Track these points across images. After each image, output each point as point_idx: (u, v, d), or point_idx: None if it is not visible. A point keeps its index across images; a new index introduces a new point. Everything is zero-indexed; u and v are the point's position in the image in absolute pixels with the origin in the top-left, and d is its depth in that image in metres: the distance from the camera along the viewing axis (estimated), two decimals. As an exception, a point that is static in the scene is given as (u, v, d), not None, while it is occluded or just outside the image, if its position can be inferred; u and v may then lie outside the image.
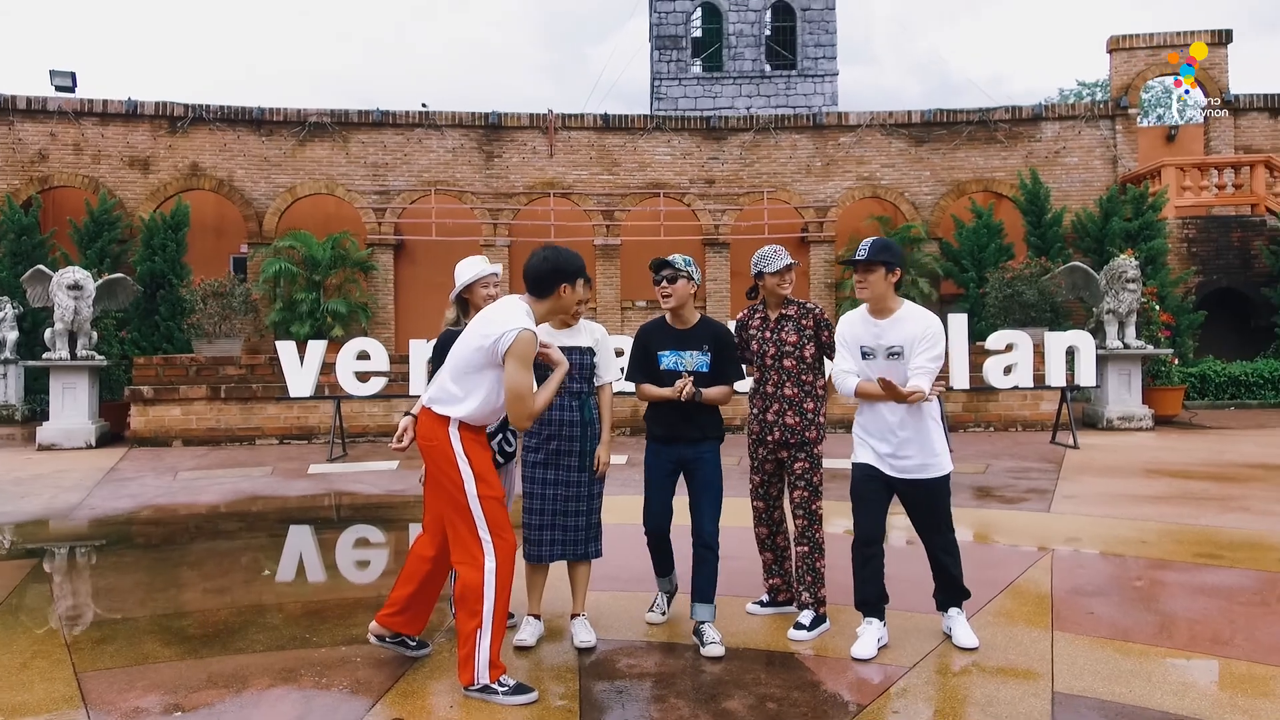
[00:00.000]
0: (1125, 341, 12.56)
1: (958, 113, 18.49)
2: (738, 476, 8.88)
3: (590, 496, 4.17)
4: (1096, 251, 15.87)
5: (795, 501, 4.32)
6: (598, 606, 4.50)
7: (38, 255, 15.10)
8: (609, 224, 18.15)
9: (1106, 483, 8.33)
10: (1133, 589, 5.03)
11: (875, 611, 4.05)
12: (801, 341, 4.35)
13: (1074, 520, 6.77)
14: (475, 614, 3.54)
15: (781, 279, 4.37)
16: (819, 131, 18.52)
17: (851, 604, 4.51)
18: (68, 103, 16.95)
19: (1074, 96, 38.27)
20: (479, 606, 3.54)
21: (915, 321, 4.01)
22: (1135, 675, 3.70)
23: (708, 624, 4.07)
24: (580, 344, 4.19)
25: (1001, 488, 8.08)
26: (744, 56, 28.98)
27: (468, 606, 3.55)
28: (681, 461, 4.25)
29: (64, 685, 3.70)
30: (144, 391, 11.79)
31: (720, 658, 3.91)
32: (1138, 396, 12.59)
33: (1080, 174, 18.25)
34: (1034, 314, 13.80)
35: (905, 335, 3.97)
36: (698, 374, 4.24)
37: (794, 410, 4.32)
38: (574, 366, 4.12)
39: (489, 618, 3.54)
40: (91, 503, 7.90)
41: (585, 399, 4.17)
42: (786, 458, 4.35)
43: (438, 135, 18.02)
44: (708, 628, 4.05)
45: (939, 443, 4.04)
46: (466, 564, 3.59)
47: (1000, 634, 4.20)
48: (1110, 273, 12.66)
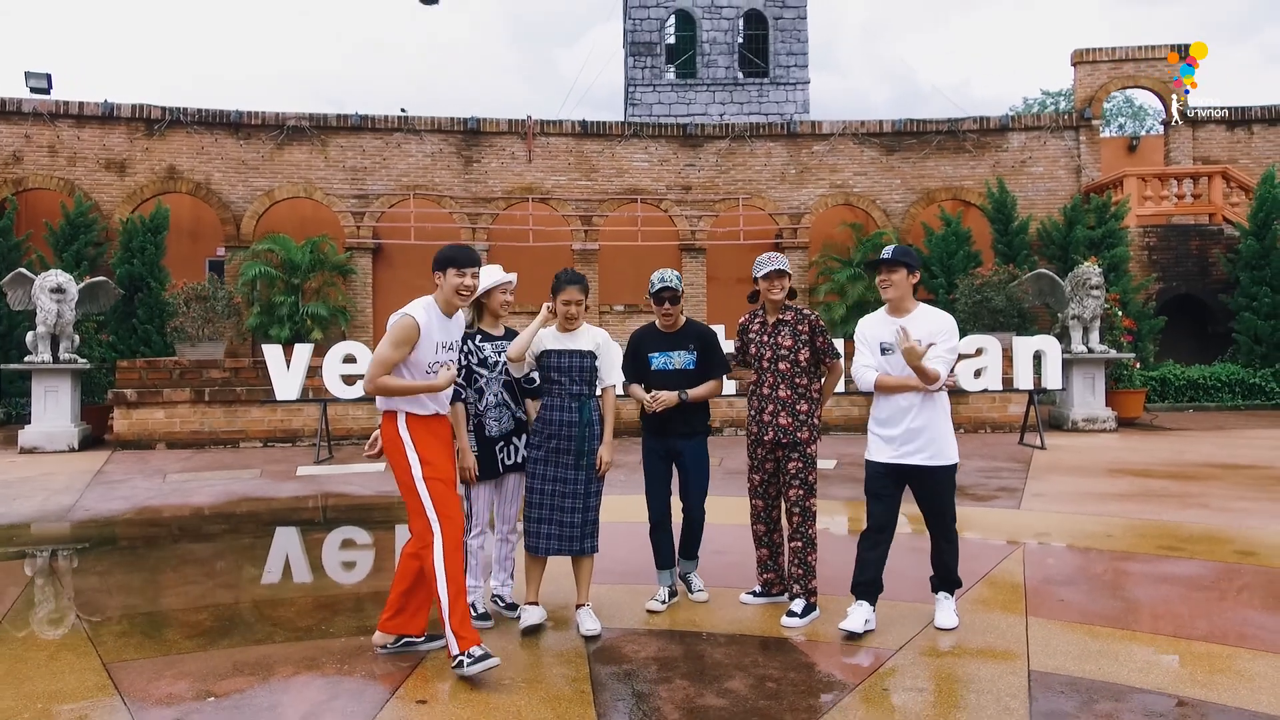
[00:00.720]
0: (1090, 346, 13.00)
1: (928, 123, 18.95)
2: (721, 477, 9.19)
3: (587, 494, 4.38)
4: (1061, 259, 16.36)
5: (791, 500, 4.57)
6: (600, 598, 4.73)
7: (13, 258, 15.01)
8: (587, 229, 18.38)
9: (1073, 481, 8.70)
10: (1099, 578, 5.35)
11: (868, 595, 4.33)
12: (796, 346, 4.60)
13: (1043, 516, 7.11)
14: (435, 594, 3.82)
15: (770, 284, 4.64)
16: (793, 140, 18.90)
17: (839, 594, 4.80)
18: (43, 104, 16.85)
19: (1038, 105, 39.11)
20: (435, 586, 3.81)
21: (932, 318, 4.36)
22: (1104, 655, 4.00)
23: (694, 574, 4.88)
24: (580, 347, 4.41)
25: (974, 486, 8.42)
26: (717, 64, 29.35)
27: (430, 589, 3.85)
28: (673, 452, 4.75)
29: (95, 675, 3.85)
30: (127, 394, 11.82)
31: (705, 602, 4.70)
32: (1101, 399, 13.04)
33: (1045, 183, 18.79)
34: (1002, 319, 14.23)
35: (924, 330, 4.26)
36: (686, 371, 4.71)
37: (787, 411, 4.57)
38: (573, 369, 4.35)
39: (444, 594, 3.77)
40: (85, 504, 7.99)
41: (585, 401, 4.39)
42: (781, 457, 4.61)
43: (416, 140, 18.15)
44: (694, 577, 4.88)
45: (948, 434, 4.35)
46: (425, 548, 3.87)
47: (979, 619, 4.49)
48: (1075, 279, 13.10)
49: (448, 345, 4.04)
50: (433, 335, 3.94)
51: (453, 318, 4.08)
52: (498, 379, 4.49)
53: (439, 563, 3.80)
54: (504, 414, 4.49)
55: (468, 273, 4.00)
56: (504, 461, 4.50)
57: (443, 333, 4.01)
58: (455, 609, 3.78)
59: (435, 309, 3.99)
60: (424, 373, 3.95)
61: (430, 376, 3.94)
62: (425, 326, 3.90)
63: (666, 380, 4.70)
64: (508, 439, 4.50)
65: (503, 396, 4.49)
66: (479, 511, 4.51)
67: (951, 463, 4.36)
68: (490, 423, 4.47)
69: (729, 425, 12.88)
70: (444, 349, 4.02)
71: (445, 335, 4.03)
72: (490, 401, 4.48)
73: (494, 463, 4.47)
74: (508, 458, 4.51)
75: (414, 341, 3.88)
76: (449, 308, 4.05)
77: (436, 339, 3.96)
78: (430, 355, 3.95)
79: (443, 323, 4.02)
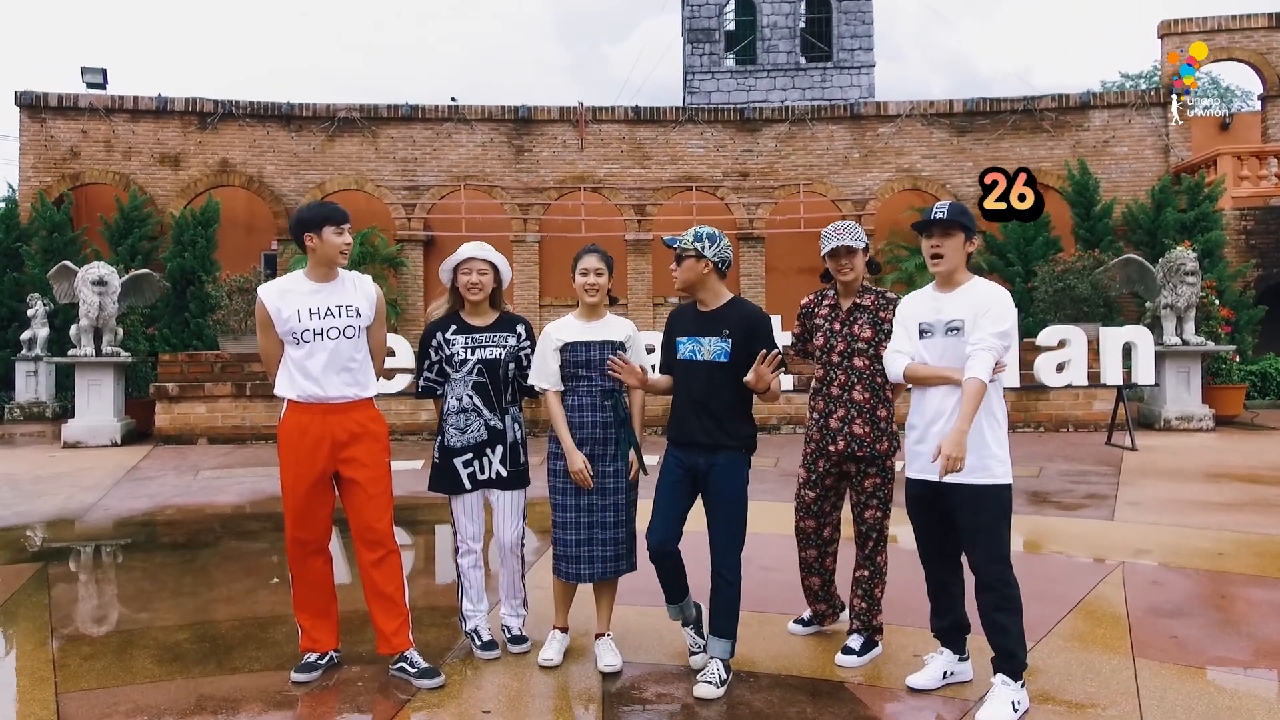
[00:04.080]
0: (1184, 337, 11.92)
1: (1001, 101, 17.85)
2: (775, 479, 8.50)
3: (628, 504, 3.79)
4: (1148, 244, 15.20)
5: (868, 522, 3.83)
6: (624, 624, 4.12)
7: (69, 252, 15.03)
8: (640, 219, 17.77)
9: (1171, 488, 7.79)
10: (1216, 609, 4.54)
11: (951, 641, 3.59)
12: (878, 338, 3.77)
13: (1140, 529, 6.27)
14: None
15: (839, 264, 3.82)
16: (857, 122, 17.99)
17: (903, 622, 4.11)
18: (98, 99, 16.91)
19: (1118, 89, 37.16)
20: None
21: (981, 293, 3.40)
22: (1237, 714, 3.24)
23: (717, 660, 3.51)
24: (611, 338, 3.80)
25: (1059, 493, 7.57)
26: (778, 49, 28.43)
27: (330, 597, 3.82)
28: (694, 471, 3.62)
29: (41, 708, 3.38)
30: (169, 389, 11.61)
31: (711, 699, 3.39)
32: (1197, 395, 11.95)
33: (1130, 164, 17.54)
34: (1086, 309, 13.17)
35: (968, 308, 3.37)
36: (716, 364, 3.57)
37: (864, 418, 3.77)
38: (603, 361, 3.75)
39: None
40: (107, 503, 7.68)
41: (619, 397, 3.78)
42: (854, 472, 3.84)
43: (467, 130, 17.75)
44: (715, 664, 3.50)
45: (994, 443, 3.32)
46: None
47: (1075, 661, 3.75)
48: (1168, 265, 12.02)
49: (321, 311, 3.57)
50: (292, 304, 3.57)
51: (341, 280, 3.67)
52: (466, 379, 3.86)
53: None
54: (471, 422, 3.86)
55: (345, 229, 3.59)
56: (474, 476, 3.87)
57: (313, 298, 3.59)
58: (301, 622, 3.73)
59: (300, 279, 3.64)
60: (299, 342, 3.55)
61: (306, 344, 3.54)
62: (274, 310, 3.56)
63: (693, 374, 3.62)
64: (479, 451, 3.87)
65: (472, 401, 3.86)
66: (459, 529, 3.93)
67: (995, 481, 3.31)
68: (451, 430, 3.86)
69: (787, 423, 12.15)
70: (316, 315, 3.57)
71: (318, 300, 3.59)
72: (451, 406, 3.87)
73: (455, 477, 3.86)
74: (479, 472, 3.87)
75: (269, 323, 3.58)
76: (325, 274, 3.63)
77: (297, 306, 3.57)
78: (298, 325, 3.56)
79: (314, 290, 3.60)
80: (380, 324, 3.77)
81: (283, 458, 3.60)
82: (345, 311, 3.60)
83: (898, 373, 3.55)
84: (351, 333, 3.59)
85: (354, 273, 3.77)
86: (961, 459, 3.17)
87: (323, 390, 3.54)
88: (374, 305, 3.69)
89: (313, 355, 3.54)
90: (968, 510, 3.35)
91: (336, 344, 3.56)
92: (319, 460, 3.55)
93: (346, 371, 3.58)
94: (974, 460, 3.29)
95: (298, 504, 3.58)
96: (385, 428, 3.74)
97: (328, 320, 3.56)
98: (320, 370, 3.54)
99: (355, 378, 3.61)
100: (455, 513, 3.91)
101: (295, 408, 3.59)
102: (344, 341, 3.57)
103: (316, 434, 3.54)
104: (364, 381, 3.64)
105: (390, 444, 3.80)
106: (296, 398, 3.57)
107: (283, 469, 3.60)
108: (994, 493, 3.34)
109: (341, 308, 3.59)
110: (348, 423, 3.58)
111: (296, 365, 3.57)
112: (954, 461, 3.16)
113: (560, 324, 3.85)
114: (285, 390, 3.61)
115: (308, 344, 3.54)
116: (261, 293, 3.62)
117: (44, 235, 15.40)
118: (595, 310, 3.82)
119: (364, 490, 3.58)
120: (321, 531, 3.67)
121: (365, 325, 3.66)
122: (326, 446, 3.55)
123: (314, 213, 3.58)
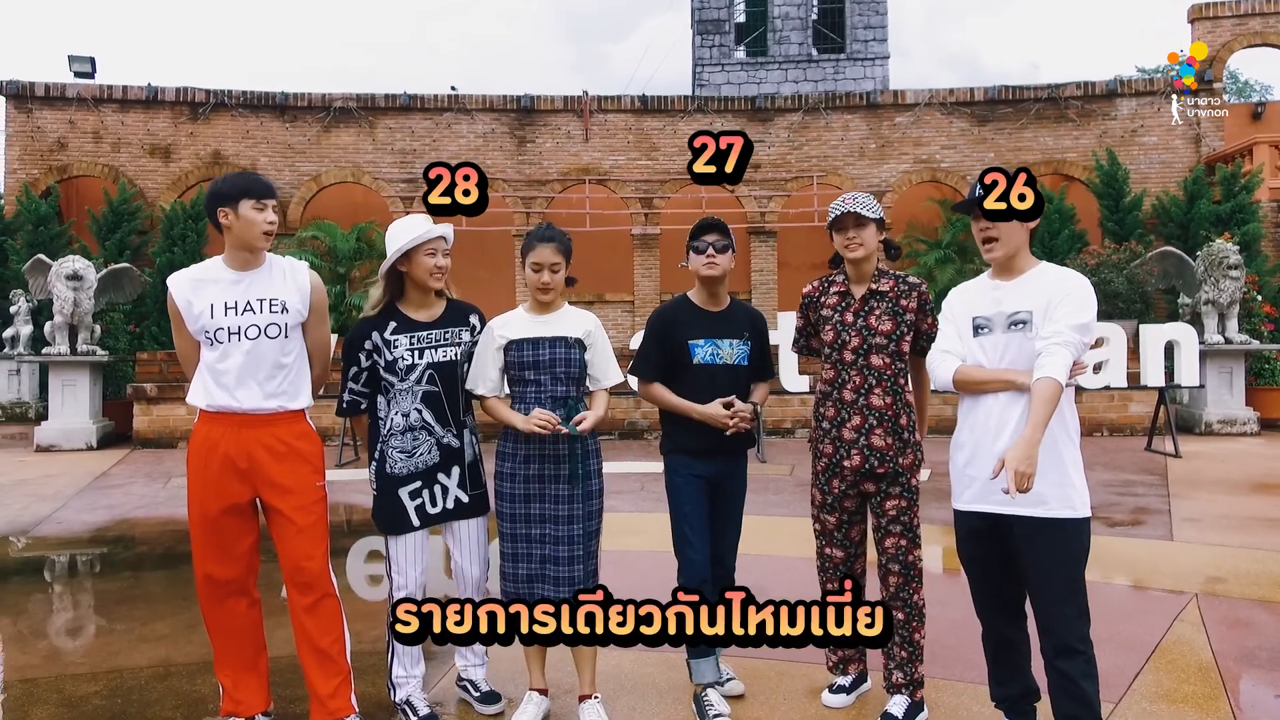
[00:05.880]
0: (1226, 335, 11.17)
1: (1025, 89, 17.09)
2: (792, 489, 7.78)
3: (587, 535, 3.09)
4: (1180, 238, 14.44)
5: (890, 552, 3.15)
6: (616, 676, 3.45)
7: (56, 246, 14.45)
8: (647, 212, 17.09)
9: (1228, 501, 7.07)
10: (1320, 655, 3.84)
11: (1020, 713, 2.91)
12: (899, 331, 3.15)
13: (1207, 552, 5.55)
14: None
15: (846, 239, 3.15)
16: (873, 112, 17.26)
17: (953, 677, 3.43)
18: (86, 89, 16.31)
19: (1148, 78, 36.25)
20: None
21: (1054, 279, 2.76)
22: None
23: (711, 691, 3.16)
24: (565, 334, 3.12)
25: (1104, 506, 6.86)
26: (790, 40, 27.68)
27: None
28: (717, 478, 3.33)
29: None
30: (147, 389, 11.01)
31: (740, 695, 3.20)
32: (1240, 397, 11.21)
33: (1160, 154, 16.75)
34: (1122, 305, 12.43)
35: (1037, 297, 2.72)
36: (738, 369, 3.31)
37: (885, 427, 3.13)
38: (555, 363, 3.08)
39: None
40: (61, 515, 7.04)
41: (573, 406, 3.10)
42: (874, 492, 3.17)
43: (468, 120, 17.11)
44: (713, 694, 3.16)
45: (1072, 466, 2.71)
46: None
47: (1169, 732, 3.06)
48: (1209, 258, 11.27)
49: (239, 306, 2.93)
50: (205, 297, 2.91)
51: (268, 267, 3.00)
52: (414, 390, 3.14)
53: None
54: (420, 442, 3.14)
55: (268, 205, 2.93)
56: (423, 510, 3.15)
57: (230, 290, 2.94)
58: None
59: (219, 267, 2.97)
60: (212, 343, 2.91)
61: (220, 345, 2.89)
62: (184, 303, 2.93)
63: (712, 379, 3.25)
64: (429, 477, 3.17)
65: (421, 417, 3.13)
66: (396, 574, 3.17)
67: (1075, 515, 2.68)
68: (395, 455, 3.13)
69: (801, 426, 11.45)
70: (232, 310, 2.92)
71: (236, 293, 2.94)
72: (397, 424, 3.14)
73: (399, 512, 3.13)
74: (430, 503, 3.15)
75: (181, 319, 2.96)
76: (246, 260, 2.96)
77: (211, 299, 2.92)
78: (210, 322, 2.91)
79: (234, 280, 2.95)
80: (320, 321, 3.11)
81: (189, 478, 2.97)
82: (268, 306, 2.94)
83: (946, 379, 2.86)
84: (275, 331, 2.93)
85: (287, 259, 3.10)
86: (1032, 475, 2.48)
87: (235, 400, 2.89)
88: (307, 299, 3.02)
89: (227, 358, 2.89)
90: (1040, 551, 2.67)
91: (255, 345, 2.90)
92: (229, 482, 2.90)
93: (270, 379, 2.92)
94: (1048, 487, 2.63)
95: (205, 533, 2.94)
96: (319, 446, 3.08)
97: (245, 317, 2.91)
98: (235, 377, 2.88)
99: (280, 386, 2.95)
100: (393, 554, 3.17)
101: (206, 418, 2.95)
102: (265, 342, 2.91)
103: (228, 451, 2.89)
104: (292, 391, 2.98)
105: (324, 466, 3.12)
106: (206, 407, 2.93)
107: (189, 491, 2.97)
108: (1074, 529, 2.69)
109: (264, 301, 2.94)
110: (268, 439, 2.92)
111: (209, 369, 2.93)
112: (1023, 479, 2.47)
113: (506, 318, 3.18)
114: (197, 398, 2.96)
115: (221, 344, 2.90)
116: (170, 283, 2.98)
117: (29, 229, 14.82)
118: (547, 294, 3.15)
119: (290, 522, 2.93)
120: (242, 569, 3.01)
121: (297, 323, 2.99)
122: (240, 466, 2.89)
123: (230, 184, 2.92)
